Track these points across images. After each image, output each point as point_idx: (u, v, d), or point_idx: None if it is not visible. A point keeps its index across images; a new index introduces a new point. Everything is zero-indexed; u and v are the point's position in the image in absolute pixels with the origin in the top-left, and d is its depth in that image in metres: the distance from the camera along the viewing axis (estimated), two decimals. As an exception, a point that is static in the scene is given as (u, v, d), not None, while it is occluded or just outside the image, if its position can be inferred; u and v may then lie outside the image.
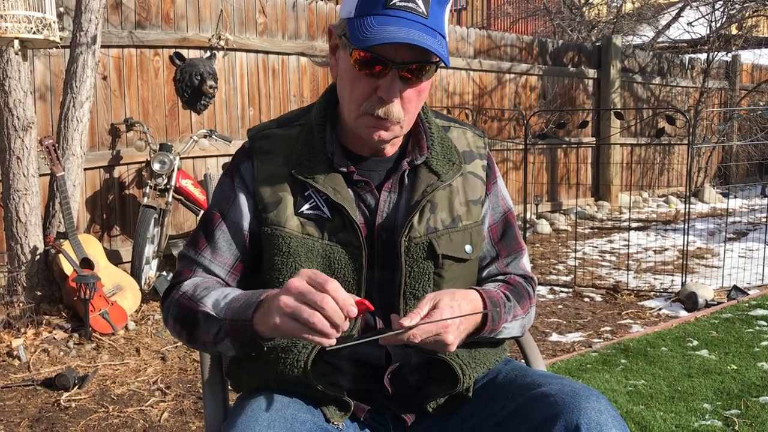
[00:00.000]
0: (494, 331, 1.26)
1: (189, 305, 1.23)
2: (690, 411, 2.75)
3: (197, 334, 1.22)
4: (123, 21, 4.74)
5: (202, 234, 1.32)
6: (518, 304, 1.32)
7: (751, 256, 5.77)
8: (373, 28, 1.13)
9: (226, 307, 1.17)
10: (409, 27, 1.13)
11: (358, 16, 1.16)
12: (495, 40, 7.65)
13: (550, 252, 6.23)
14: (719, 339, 3.63)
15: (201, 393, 3.07)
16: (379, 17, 1.14)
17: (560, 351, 3.63)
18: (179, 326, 1.25)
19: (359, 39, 1.13)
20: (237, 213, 1.29)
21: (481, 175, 1.36)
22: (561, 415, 1.11)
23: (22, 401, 3.01)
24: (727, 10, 9.42)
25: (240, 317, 1.13)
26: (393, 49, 1.14)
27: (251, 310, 1.12)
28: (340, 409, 1.23)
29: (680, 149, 9.94)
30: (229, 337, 1.16)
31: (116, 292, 3.89)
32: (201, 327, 1.20)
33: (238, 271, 1.31)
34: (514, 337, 1.35)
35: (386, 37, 1.11)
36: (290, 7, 5.72)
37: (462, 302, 1.18)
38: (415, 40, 1.11)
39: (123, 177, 4.85)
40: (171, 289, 1.30)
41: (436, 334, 1.13)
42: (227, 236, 1.30)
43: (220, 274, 1.30)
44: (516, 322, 1.31)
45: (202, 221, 1.34)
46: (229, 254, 1.30)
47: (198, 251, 1.31)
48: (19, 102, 3.71)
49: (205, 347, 1.24)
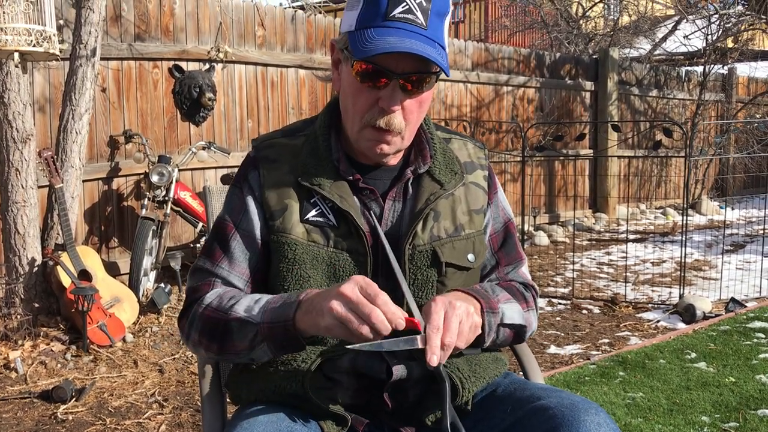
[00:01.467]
0: (494, 310, 1.22)
1: (217, 317, 1.21)
2: (688, 424, 2.75)
3: (230, 343, 1.20)
4: (122, 33, 4.76)
5: (217, 245, 1.31)
6: (505, 292, 1.31)
7: (748, 269, 5.78)
8: (374, 39, 1.15)
9: (261, 310, 1.17)
10: (409, 37, 1.15)
11: (359, 29, 1.17)
12: (492, 52, 7.69)
13: (548, 264, 6.23)
14: (717, 351, 3.63)
15: (199, 405, 3.06)
16: (380, 29, 1.16)
17: (558, 363, 3.62)
18: (206, 340, 1.23)
19: (360, 50, 1.15)
20: (249, 222, 1.29)
21: (482, 185, 1.38)
22: (560, 429, 1.11)
23: (18, 414, 3.00)
24: (723, 23, 9.48)
25: (280, 318, 1.13)
26: (394, 60, 1.16)
27: (292, 309, 1.12)
28: (337, 423, 1.22)
29: (677, 161, 9.97)
30: (267, 341, 1.15)
31: (114, 304, 3.88)
32: (235, 335, 1.19)
33: (254, 281, 1.30)
34: (520, 325, 1.31)
35: (386, 47, 1.13)
36: (289, 20, 5.75)
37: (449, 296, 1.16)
38: (414, 49, 1.13)
39: (121, 189, 4.85)
40: (190, 306, 1.29)
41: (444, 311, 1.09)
42: (242, 246, 1.29)
43: (238, 284, 1.29)
44: (512, 305, 1.29)
45: (215, 232, 1.33)
46: (245, 264, 1.29)
47: (215, 263, 1.30)
48: (18, 114, 3.71)
49: (239, 356, 1.22)
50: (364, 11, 1.18)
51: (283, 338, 1.14)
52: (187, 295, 1.32)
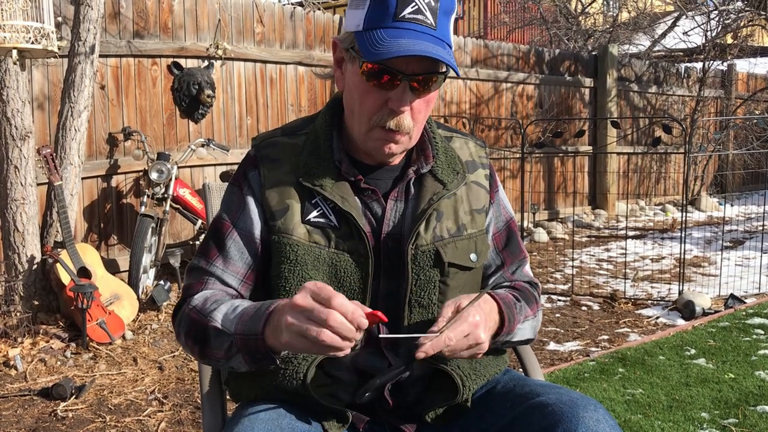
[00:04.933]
0: (510, 332, 1.26)
1: (199, 320, 1.20)
2: (688, 420, 2.75)
3: (209, 350, 1.19)
4: (121, 30, 4.75)
5: (212, 243, 1.30)
6: (527, 306, 1.33)
7: (748, 265, 5.78)
8: (385, 41, 1.13)
9: (236, 320, 1.14)
10: (420, 39, 1.14)
11: (368, 30, 1.16)
12: (492, 49, 7.68)
13: (548, 260, 6.23)
14: (717, 348, 3.64)
15: (198, 403, 3.06)
16: (390, 30, 1.15)
17: (558, 360, 3.63)
18: (191, 342, 1.22)
19: (371, 53, 1.14)
20: (248, 221, 1.28)
21: (484, 184, 1.38)
22: (559, 425, 1.11)
23: (18, 411, 3.00)
24: (722, 19, 9.47)
25: (251, 331, 1.11)
26: (404, 61, 1.15)
27: (261, 323, 1.10)
28: (338, 421, 1.22)
29: (677, 158, 9.97)
30: (241, 352, 1.13)
31: (114, 301, 3.88)
32: (212, 343, 1.17)
33: (251, 280, 1.29)
34: (527, 339, 1.36)
35: (400, 50, 1.12)
36: (288, 17, 5.74)
37: (480, 302, 1.19)
38: (428, 52, 1.12)
39: (120, 186, 4.85)
40: (182, 304, 1.28)
41: (467, 334, 1.13)
42: (239, 245, 1.28)
43: (233, 283, 1.28)
44: (528, 323, 1.33)
45: (212, 231, 1.32)
46: (241, 263, 1.28)
47: (209, 261, 1.29)
48: (17, 111, 3.71)
49: (218, 363, 1.20)
50: (372, 11, 1.16)
51: (255, 352, 1.12)
52: (182, 293, 1.32)
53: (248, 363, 1.14)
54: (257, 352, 1.11)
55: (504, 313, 1.23)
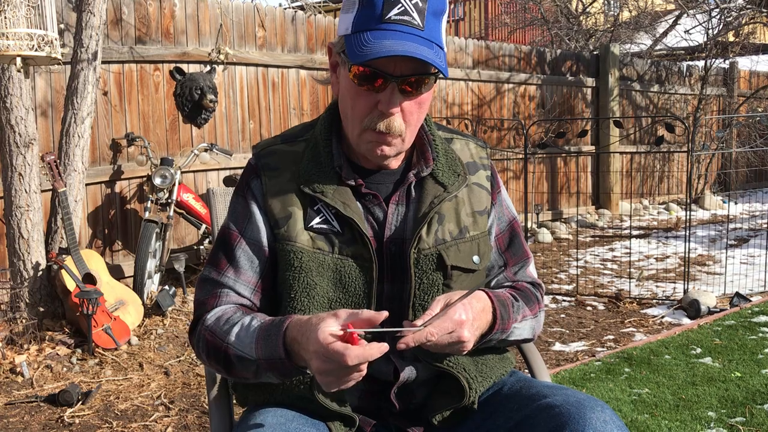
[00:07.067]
0: (505, 330, 1.26)
1: (216, 343, 1.21)
2: (695, 419, 2.75)
3: (235, 371, 1.21)
4: (123, 37, 4.76)
5: (222, 254, 1.30)
6: (526, 305, 1.33)
7: (752, 263, 5.77)
8: (370, 42, 1.14)
9: (253, 345, 1.16)
10: (405, 40, 1.14)
11: (355, 32, 1.17)
12: (493, 50, 7.68)
13: (552, 261, 6.23)
14: (722, 346, 3.63)
15: (205, 407, 3.06)
16: (375, 32, 1.15)
17: (564, 360, 3.62)
18: (215, 363, 1.24)
19: (356, 54, 1.14)
20: (255, 230, 1.29)
21: (485, 185, 1.37)
22: (566, 426, 1.11)
23: (25, 418, 3.01)
24: (723, 17, 9.46)
25: (273, 356, 1.13)
26: (392, 63, 1.15)
27: (280, 350, 1.12)
28: (345, 424, 1.22)
29: (680, 156, 9.96)
30: (271, 371, 1.15)
31: (119, 307, 3.89)
32: (237, 367, 1.19)
33: (263, 288, 1.29)
34: (525, 339, 1.35)
35: (383, 50, 1.12)
36: (289, 21, 5.75)
37: (471, 300, 1.19)
38: (411, 52, 1.12)
39: (124, 192, 4.86)
40: (197, 322, 1.29)
41: (451, 331, 1.13)
42: (248, 254, 1.28)
43: (245, 293, 1.28)
44: (526, 322, 1.32)
45: (220, 241, 1.32)
46: (252, 272, 1.28)
47: (220, 272, 1.29)
48: (20, 119, 3.72)
49: (249, 380, 1.23)
50: (359, 14, 1.17)
51: (283, 371, 1.14)
52: (195, 308, 1.32)
53: (280, 378, 1.17)
54: (286, 370, 1.14)
55: (497, 311, 1.23)
